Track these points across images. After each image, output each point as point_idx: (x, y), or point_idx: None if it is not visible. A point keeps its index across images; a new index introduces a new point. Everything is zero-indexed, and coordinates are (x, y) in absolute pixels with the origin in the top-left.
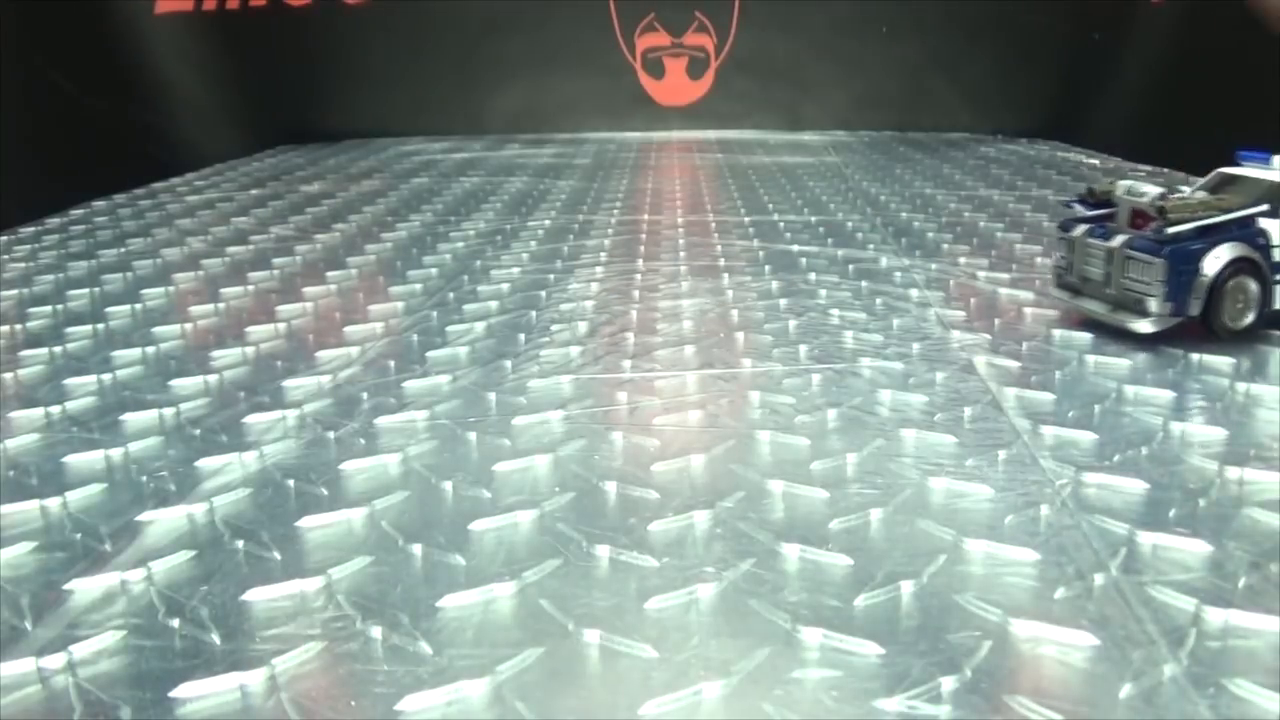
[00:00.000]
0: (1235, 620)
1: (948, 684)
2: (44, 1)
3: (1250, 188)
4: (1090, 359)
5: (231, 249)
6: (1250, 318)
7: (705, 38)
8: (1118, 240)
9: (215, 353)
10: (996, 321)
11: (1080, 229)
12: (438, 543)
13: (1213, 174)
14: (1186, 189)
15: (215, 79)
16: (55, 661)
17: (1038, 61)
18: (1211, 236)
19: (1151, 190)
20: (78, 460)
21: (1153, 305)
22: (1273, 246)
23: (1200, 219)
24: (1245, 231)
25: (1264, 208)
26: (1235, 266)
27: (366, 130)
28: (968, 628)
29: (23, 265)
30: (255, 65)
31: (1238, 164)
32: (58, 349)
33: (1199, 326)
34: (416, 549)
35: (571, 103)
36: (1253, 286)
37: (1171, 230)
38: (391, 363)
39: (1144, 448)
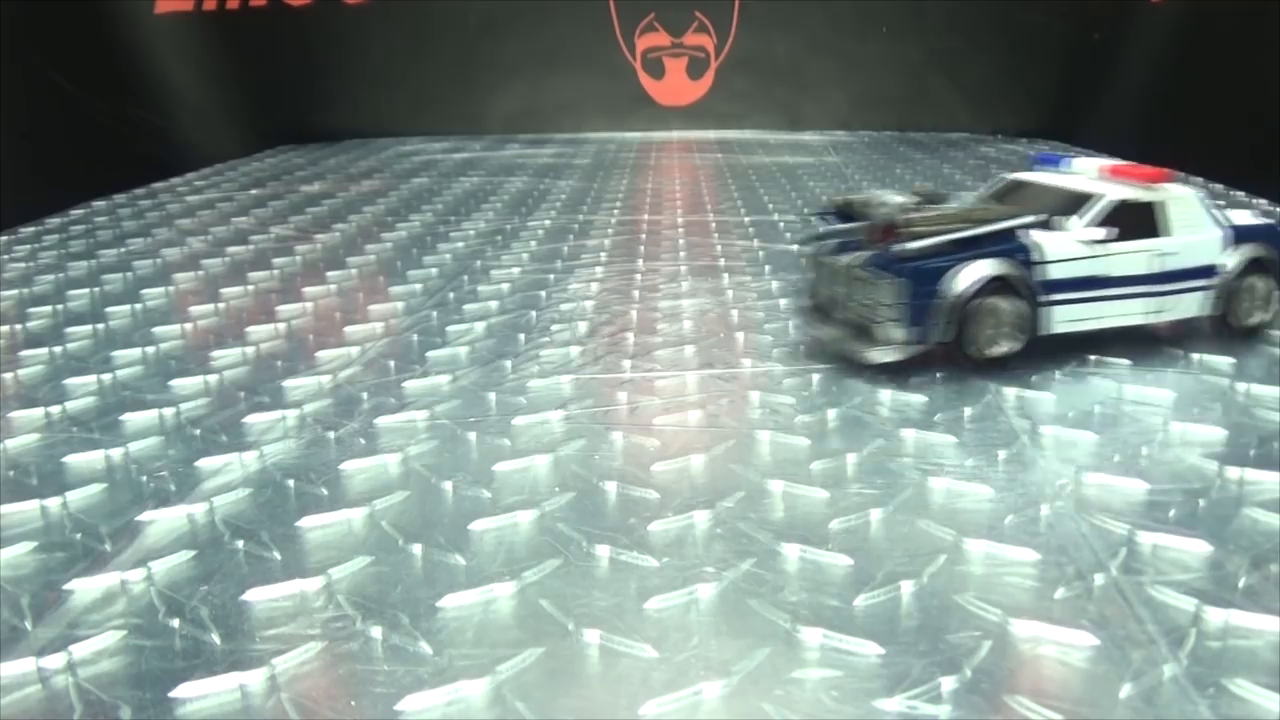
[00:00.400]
0: (1235, 620)
1: (948, 684)
2: (44, 1)
3: (1038, 196)
4: (1090, 359)
5: (231, 249)
6: (1009, 344)
7: (705, 38)
8: (849, 257)
9: (215, 353)
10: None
11: (819, 245)
12: (438, 543)
13: (1000, 180)
14: (970, 196)
15: (215, 79)
16: (55, 661)
17: (1038, 61)
18: (963, 252)
19: (895, 199)
20: (78, 460)
21: (889, 331)
22: (1042, 263)
23: (944, 232)
24: (1003, 246)
25: (1027, 219)
26: (988, 286)
27: (366, 130)
28: (968, 628)
29: (23, 265)
30: (255, 65)
31: (1032, 168)
32: (58, 349)
33: (951, 352)
34: (416, 549)
35: (571, 103)
36: (1008, 308)
37: (913, 245)
38: (391, 363)
39: (1144, 448)
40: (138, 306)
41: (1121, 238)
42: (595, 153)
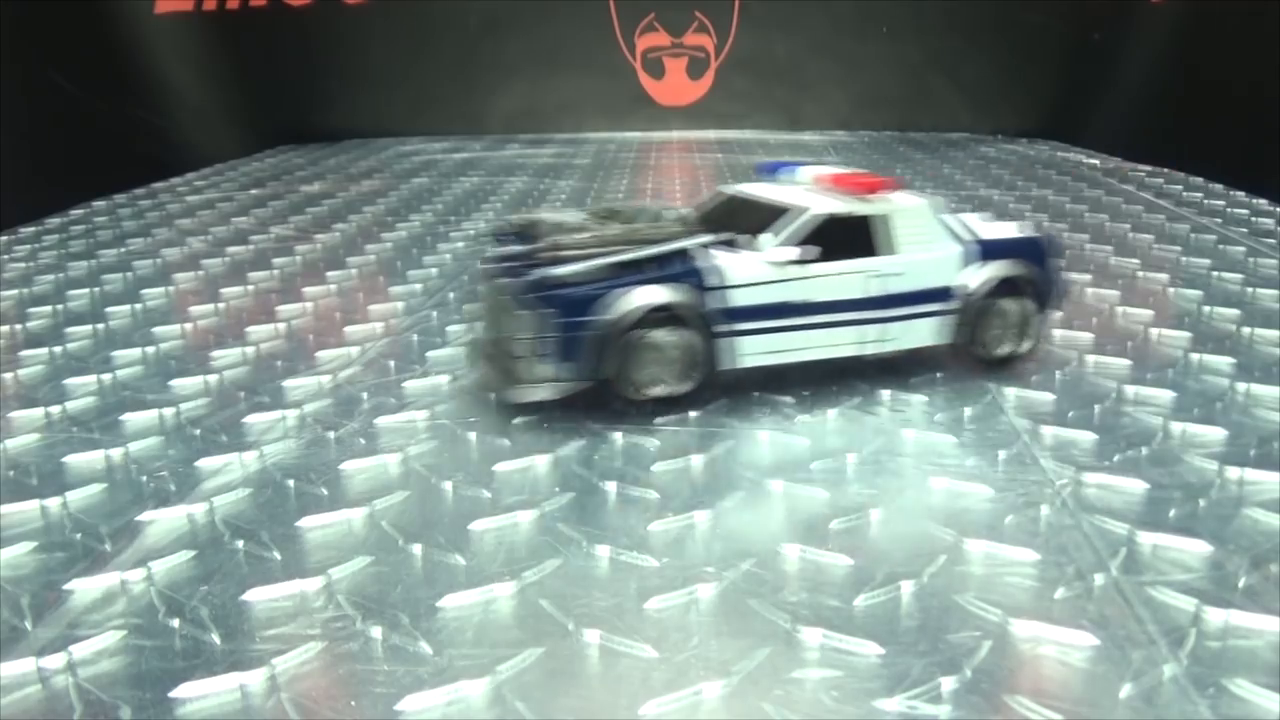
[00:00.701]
0: (1235, 620)
1: (948, 684)
2: (44, 1)
3: (746, 211)
4: (1090, 359)
5: (231, 249)
6: (673, 384)
7: (705, 38)
8: (494, 285)
9: (215, 353)
10: None
11: (490, 270)
12: (438, 543)
13: (715, 195)
14: (680, 212)
15: (215, 79)
16: (55, 661)
17: (1038, 61)
18: (623, 277)
19: (560, 218)
20: (78, 460)
21: (534, 367)
22: (722, 288)
23: (603, 255)
24: (672, 271)
25: (703, 239)
26: (649, 316)
27: (366, 130)
28: (968, 628)
29: (23, 265)
30: (255, 65)
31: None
32: (58, 349)
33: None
34: (416, 549)
35: (571, 103)
36: (672, 341)
37: (564, 270)
38: (391, 363)
39: (1144, 448)
40: (138, 306)
41: (831, 256)
42: (595, 153)
